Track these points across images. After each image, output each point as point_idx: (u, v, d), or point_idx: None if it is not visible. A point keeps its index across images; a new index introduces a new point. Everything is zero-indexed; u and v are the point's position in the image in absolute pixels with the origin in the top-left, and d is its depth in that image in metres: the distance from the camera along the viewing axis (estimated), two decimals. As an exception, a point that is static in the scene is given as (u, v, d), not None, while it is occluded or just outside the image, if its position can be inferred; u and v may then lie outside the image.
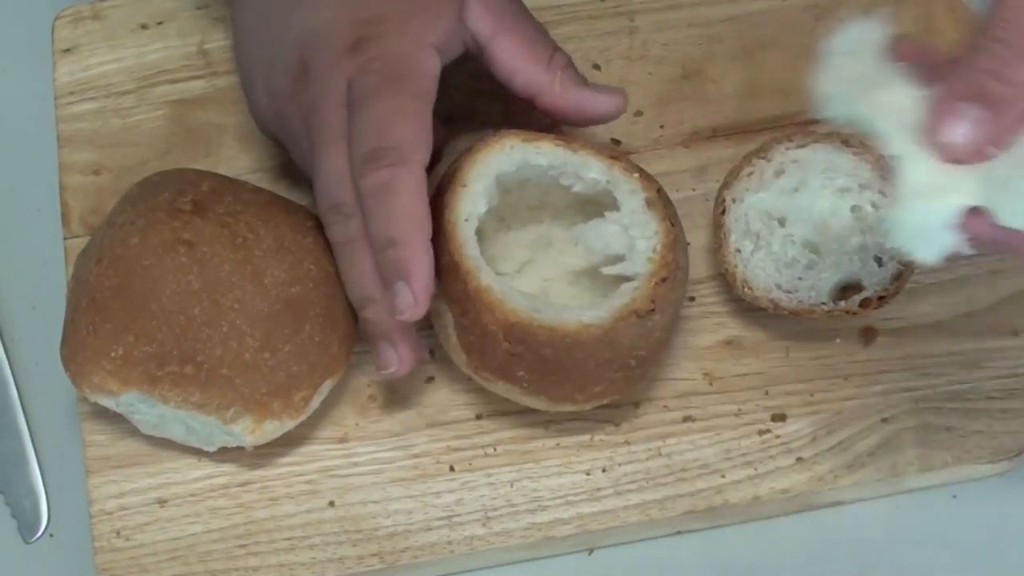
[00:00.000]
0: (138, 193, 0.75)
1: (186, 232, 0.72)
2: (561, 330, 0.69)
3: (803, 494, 0.74)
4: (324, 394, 0.74)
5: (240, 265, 0.72)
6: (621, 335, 0.69)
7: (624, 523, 0.74)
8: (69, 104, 0.85)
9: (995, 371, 0.77)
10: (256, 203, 0.75)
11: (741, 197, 0.77)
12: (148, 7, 0.87)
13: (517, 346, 0.69)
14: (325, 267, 0.74)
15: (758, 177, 0.78)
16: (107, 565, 0.73)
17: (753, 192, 0.77)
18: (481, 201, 0.72)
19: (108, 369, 0.71)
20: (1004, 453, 0.75)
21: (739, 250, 0.76)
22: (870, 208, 0.76)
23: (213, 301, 0.71)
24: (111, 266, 0.72)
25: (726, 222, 0.77)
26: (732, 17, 0.86)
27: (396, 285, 0.69)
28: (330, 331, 0.73)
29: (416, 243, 0.69)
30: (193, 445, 0.74)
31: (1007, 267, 0.79)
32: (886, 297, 0.75)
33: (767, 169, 0.78)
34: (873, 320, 0.77)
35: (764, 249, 0.76)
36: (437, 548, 0.73)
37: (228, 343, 0.71)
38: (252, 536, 0.74)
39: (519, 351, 0.69)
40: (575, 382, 0.70)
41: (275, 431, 0.73)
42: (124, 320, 0.71)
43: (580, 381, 0.70)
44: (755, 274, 0.76)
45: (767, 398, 0.76)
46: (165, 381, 0.71)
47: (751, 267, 0.76)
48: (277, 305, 0.72)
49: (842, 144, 0.78)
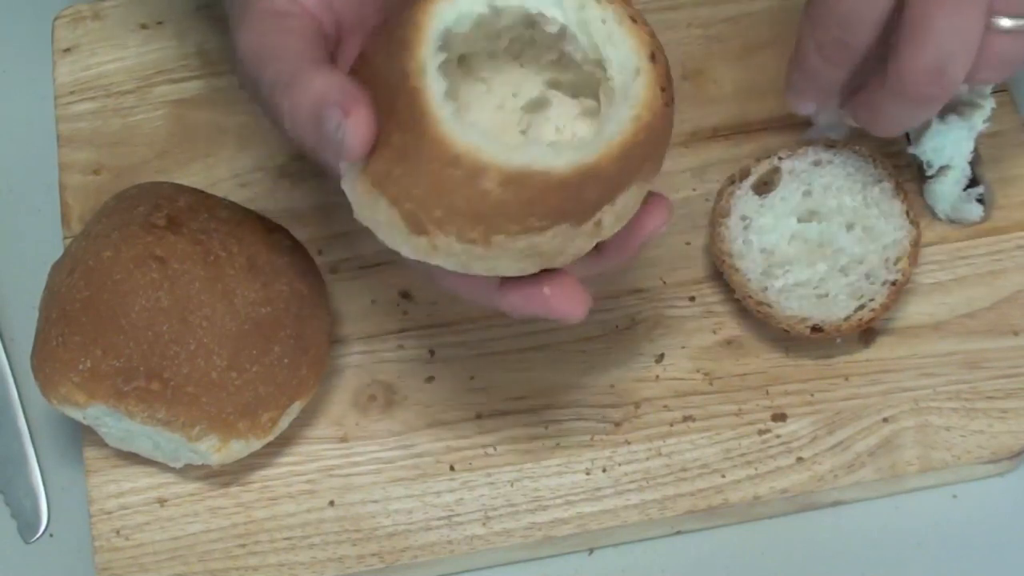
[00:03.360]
0: (115, 206, 0.75)
1: (159, 248, 0.72)
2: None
3: (803, 494, 0.74)
4: (293, 415, 0.74)
5: (210, 283, 0.72)
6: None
7: (624, 523, 0.74)
8: (69, 104, 0.85)
9: (995, 371, 0.77)
10: (232, 221, 0.74)
11: (741, 199, 0.77)
12: (148, 7, 0.87)
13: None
14: (298, 289, 0.74)
15: (757, 181, 0.78)
16: (107, 565, 0.73)
17: (753, 195, 0.78)
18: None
19: (75, 381, 0.71)
20: (1004, 453, 0.75)
21: (737, 253, 0.76)
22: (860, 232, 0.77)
23: (182, 318, 0.71)
24: (83, 278, 0.72)
25: (725, 224, 0.77)
26: (732, 17, 0.86)
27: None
28: (300, 353, 0.73)
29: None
30: (159, 460, 0.74)
31: (1007, 267, 0.79)
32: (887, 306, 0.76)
33: (765, 173, 0.78)
34: (873, 320, 0.77)
35: (765, 255, 0.77)
36: (437, 548, 0.73)
37: (195, 361, 0.71)
38: (252, 536, 0.74)
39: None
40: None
41: (241, 451, 0.73)
42: (93, 333, 0.71)
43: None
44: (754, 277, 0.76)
45: (767, 398, 0.76)
46: (131, 396, 0.71)
47: (749, 269, 0.76)
48: (246, 325, 0.72)
49: (847, 150, 0.78)
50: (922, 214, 0.80)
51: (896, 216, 0.77)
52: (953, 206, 0.80)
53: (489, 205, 0.59)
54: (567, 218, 0.60)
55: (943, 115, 0.79)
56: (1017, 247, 0.80)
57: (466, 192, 0.59)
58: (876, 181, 0.78)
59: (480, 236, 0.60)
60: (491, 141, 0.59)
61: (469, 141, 0.59)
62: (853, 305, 0.76)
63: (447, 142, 0.59)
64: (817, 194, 0.78)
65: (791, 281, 0.76)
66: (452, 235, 0.60)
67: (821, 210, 0.77)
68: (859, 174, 0.78)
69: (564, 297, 0.63)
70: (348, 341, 0.78)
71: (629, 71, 0.62)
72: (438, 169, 0.59)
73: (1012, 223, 0.80)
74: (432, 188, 0.59)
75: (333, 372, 0.77)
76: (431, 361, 0.78)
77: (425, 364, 0.77)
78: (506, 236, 0.60)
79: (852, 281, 0.76)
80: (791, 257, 0.77)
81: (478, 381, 0.77)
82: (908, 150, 0.80)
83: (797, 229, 0.77)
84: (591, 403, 0.76)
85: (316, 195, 0.82)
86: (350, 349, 0.78)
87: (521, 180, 0.59)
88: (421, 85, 0.59)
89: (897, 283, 0.76)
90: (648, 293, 0.79)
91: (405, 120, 0.59)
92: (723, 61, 0.85)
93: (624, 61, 0.62)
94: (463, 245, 0.60)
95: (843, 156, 0.78)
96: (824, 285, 0.76)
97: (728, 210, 0.77)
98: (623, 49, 0.62)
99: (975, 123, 0.79)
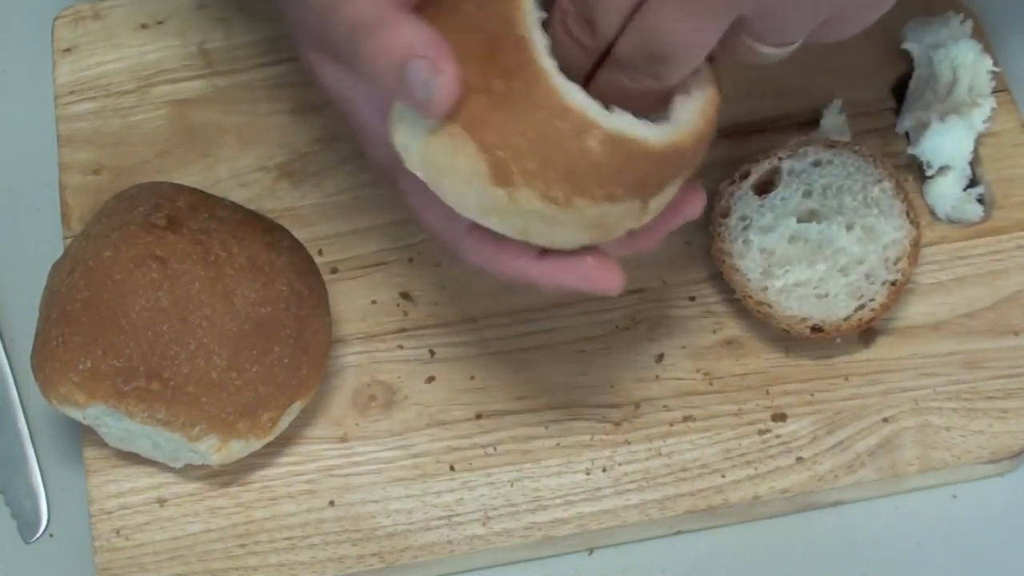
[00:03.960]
0: (115, 206, 0.75)
1: (159, 248, 0.72)
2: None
3: (803, 494, 0.74)
4: (293, 415, 0.74)
5: (211, 283, 0.72)
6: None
7: (624, 523, 0.74)
8: (69, 104, 0.85)
9: (995, 371, 0.77)
10: (232, 221, 0.74)
11: (741, 199, 0.77)
12: (148, 7, 0.87)
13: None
14: (298, 288, 0.74)
15: (757, 181, 0.78)
16: (107, 565, 0.74)
17: (753, 195, 0.78)
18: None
19: (75, 381, 0.71)
20: (1004, 453, 0.75)
21: (737, 253, 0.76)
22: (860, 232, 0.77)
23: (182, 318, 0.71)
24: (83, 278, 0.72)
25: (725, 224, 0.77)
26: (732, 17, 0.86)
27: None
28: (300, 353, 0.73)
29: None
30: (159, 460, 0.74)
31: (1007, 267, 0.79)
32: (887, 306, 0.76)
33: (765, 173, 0.78)
34: (873, 320, 0.77)
35: (765, 255, 0.77)
36: (437, 548, 0.73)
37: (195, 361, 0.71)
38: (252, 536, 0.74)
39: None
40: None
41: (241, 451, 0.73)
42: (93, 333, 0.71)
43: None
44: (754, 277, 0.76)
45: (767, 398, 0.76)
46: (131, 396, 0.71)
47: (749, 269, 0.76)
48: (246, 325, 0.72)
49: (847, 150, 0.78)
50: (922, 214, 0.80)
51: (896, 216, 0.77)
52: (953, 206, 0.80)
53: (586, 163, 0.59)
54: (642, 192, 0.61)
55: (943, 115, 0.79)
56: (1017, 247, 0.80)
57: (568, 146, 0.59)
58: (876, 181, 0.78)
59: (564, 195, 0.60)
60: (594, 103, 0.59)
61: (578, 101, 0.59)
62: (853, 305, 0.76)
63: (559, 94, 0.59)
64: (817, 194, 0.78)
65: (791, 281, 0.76)
66: (536, 190, 0.60)
67: (821, 210, 0.77)
68: (859, 174, 0.78)
69: (604, 269, 0.64)
70: (348, 341, 0.78)
71: (700, 72, 0.63)
72: (544, 119, 0.59)
73: (1012, 223, 0.80)
74: (535, 137, 0.59)
75: (333, 372, 0.77)
76: (431, 361, 0.78)
77: (425, 364, 0.77)
78: (587, 201, 0.60)
79: (852, 281, 0.76)
80: (791, 257, 0.77)
81: (478, 381, 0.77)
82: (908, 150, 0.80)
83: (797, 229, 0.77)
84: (591, 403, 0.76)
85: (316, 195, 0.82)
86: (350, 349, 0.78)
87: (621, 144, 0.59)
88: (530, 35, 0.60)
89: (897, 283, 0.76)
90: (648, 293, 0.79)
91: (510, 67, 0.59)
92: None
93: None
94: (541, 204, 0.60)
95: (843, 156, 0.78)
96: (824, 285, 0.76)
97: (728, 210, 0.78)
98: None
99: (975, 123, 0.79)
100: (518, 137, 0.59)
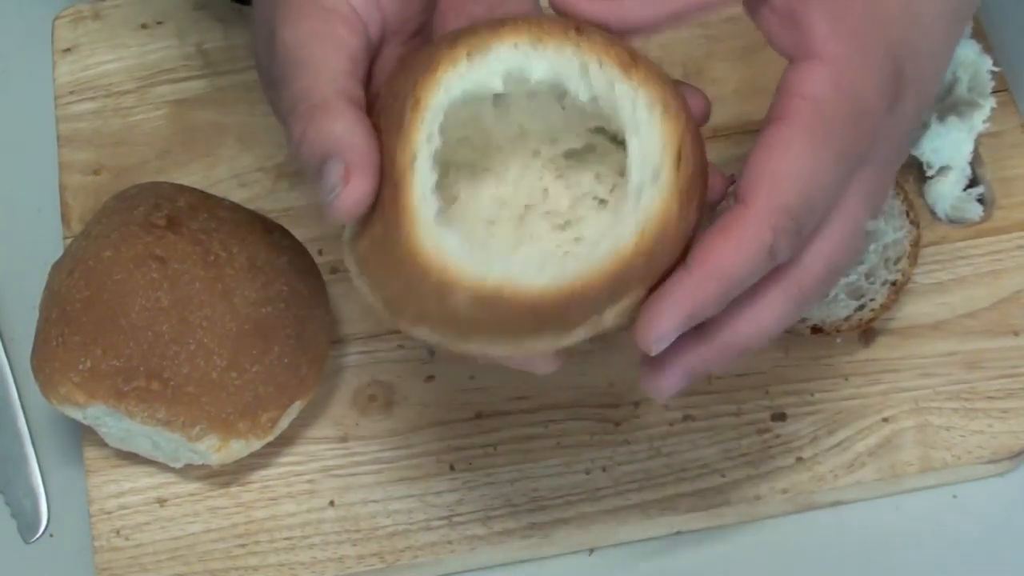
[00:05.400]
0: (114, 206, 0.75)
1: (158, 248, 0.72)
2: None
3: (803, 494, 0.74)
4: (293, 415, 0.74)
5: (210, 283, 0.72)
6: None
7: (624, 523, 0.74)
8: (69, 104, 0.85)
9: (995, 371, 0.77)
10: (232, 221, 0.74)
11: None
12: (148, 7, 0.87)
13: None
14: (298, 288, 0.74)
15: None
16: (107, 565, 0.74)
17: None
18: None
19: (75, 381, 0.71)
20: (1004, 453, 0.75)
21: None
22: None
23: (182, 318, 0.71)
24: (83, 278, 0.72)
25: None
26: (732, 17, 0.85)
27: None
28: (300, 353, 0.73)
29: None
30: (159, 460, 0.74)
31: (1007, 267, 0.79)
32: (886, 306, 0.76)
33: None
34: (873, 320, 0.77)
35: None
36: (437, 548, 0.73)
37: (195, 361, 0.71)
38: (252, 536, 0.74)
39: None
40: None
41: (241, 451, 0.73)
42: (93, 333, 0.71)
43: None
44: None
45: (767, 398, 0.76)
46: (131, 396, 0.71)
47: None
48: (246, 325, 0.72)
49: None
50: (922, 214, 0.80)
51: (896, 216, 0.77)
52: (953, 206, 0.80)
53: (458, 319, 0.56)
54: (546, 331, 0.56)
55: (943, 115, 0.79)
56: (1017, 247, 0.80)
57: (434, 304, 0.56)
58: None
59: (454, 337, 0.57)
60: (466, 252, 0.56)
61: (441, 254, 0.55)
62: (853, 305, 0.76)
63: (418, 252, 0.56)
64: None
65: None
66: (426, 328, 0.57)
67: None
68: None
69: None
70: (348, 341, 0.78)
71: (649, 171, 0.57)
72: (408, 273, 0.56)
73: (1012, 223, 0.80)
74: (402, 291, 0.57)
75: (333, 372, 0.77)
76: (431, 361, 0.78)
77: (425, 364, 0.77)
78: (483, 341, 0.57)
79: (852, 281, 0.76)
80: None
81: (478, 381, 0.77)
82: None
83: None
84: (591, 403, 0.76)
85: (316, 195, 0.82)
86: (350, 349, 0.78)
87: (492, 302, 0.55)
88: (406, 179, 0.56)
89: (897, 283, 0.76)
90: (648, 293, 0.79)
91: (388, 211, 0.57)
92: (723, 61, 0.85)
93: (647, 156, 0.57)
94: (442, 339, 0.57)
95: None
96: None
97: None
98: (649, 141, 0.57)
99: (975, 123, 0.79)
100: (389, 288, 0.57)
